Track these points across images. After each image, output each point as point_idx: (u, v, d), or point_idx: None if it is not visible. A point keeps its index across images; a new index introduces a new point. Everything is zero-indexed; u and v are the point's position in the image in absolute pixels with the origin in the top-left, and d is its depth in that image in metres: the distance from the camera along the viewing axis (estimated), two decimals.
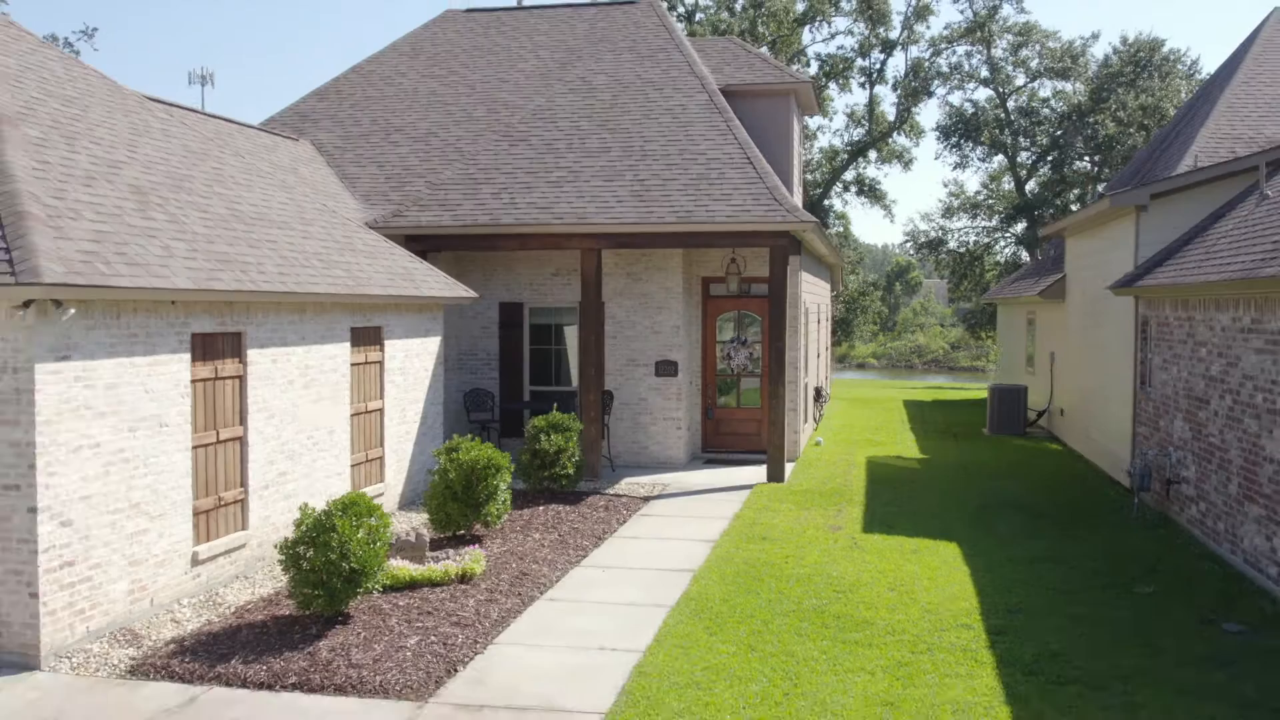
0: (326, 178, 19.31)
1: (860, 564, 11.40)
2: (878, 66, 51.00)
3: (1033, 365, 25.89)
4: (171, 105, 16.09)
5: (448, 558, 10.75)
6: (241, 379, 10.97)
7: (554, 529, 13.03)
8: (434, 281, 15.11)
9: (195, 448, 10.22)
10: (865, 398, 33.98)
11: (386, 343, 14.11)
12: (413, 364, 14.86)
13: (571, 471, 14.80)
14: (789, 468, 17.81)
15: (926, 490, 16.20)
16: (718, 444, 19.29)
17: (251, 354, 11.07)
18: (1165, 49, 45.51)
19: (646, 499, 15.21)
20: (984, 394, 36.90)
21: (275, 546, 9.25)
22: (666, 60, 20.22)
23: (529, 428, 14.91)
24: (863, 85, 51.92)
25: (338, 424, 12.82)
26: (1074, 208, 46.98)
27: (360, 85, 22.64)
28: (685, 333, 18.43)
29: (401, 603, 9.74)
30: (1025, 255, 48.39)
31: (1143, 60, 45.27)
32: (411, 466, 14.86)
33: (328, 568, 8.77)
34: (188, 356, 10.04)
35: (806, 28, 50.85)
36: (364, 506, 9.11)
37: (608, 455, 17.79)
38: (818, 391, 24.16)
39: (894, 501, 15.14)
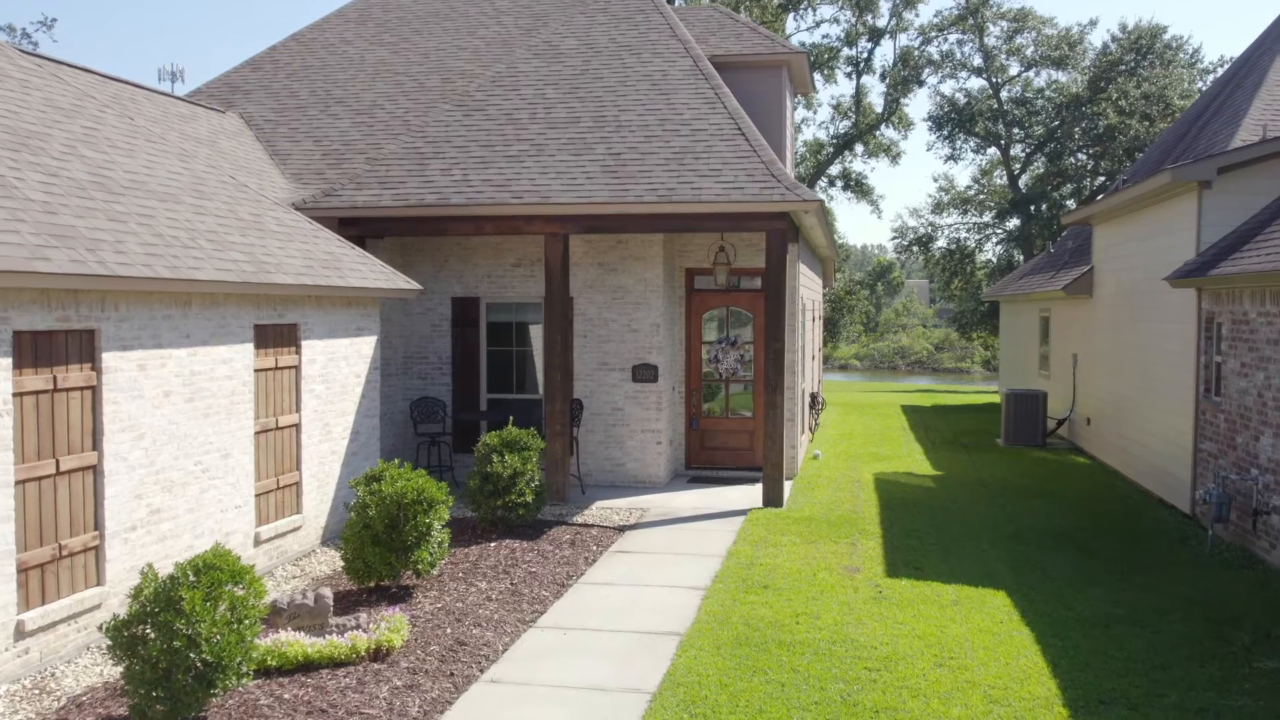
0: (252, 153, 16.74)
1: (892, 624, 8.97)
2: (865, 56, 48.69)
3: (1047, 368, 23.55)
4: (52, 60, 13.49)
5: (358, 625, 8.20)
6: (94, 390, 8.44)
7: (505, 574, 10.53)
8: (366, 270, 12.60)
9: (23, 482, 7.69)
10: (859, 403, 31.60)
11: (304, 343, 11.59)
12: (339, 369, 12.34)
13: (530, 499, 12.29)
14: (787, 487, 15.39)
15: (950, 516, 13.81)
16: (704, 459, 16.82)
17: (109, 358, 8.54)
18: (1167, 36, 43.35)
19: (621, 529, 12.76)
20: (982, 398, 34.68)
21: (100, 628, 6.72)
22: (645, 23, 17.74)
23: (479, 446, 12.41)
24: (849, 76, 49.59)
25: (236, 444, 10.29)
26: (1070, 204, 44.73)
27: (299, 54, 20.09)
28: (666, 332, 15.97)
29: (287, 695, 7.21)
30: (1019, 253, 46.08)
31: (1143, 48, 43.09)
32: (339, 492, 12.35)
33: (171, 658, 6.26)
34: (8, 362, 7.52)
35: (791, 14, 48.53)
36: (226, 571, 6.59)
37: (577, 474, 15.30)
38: (813, 398, 21.74)
39: (915, 532, 12.74)
